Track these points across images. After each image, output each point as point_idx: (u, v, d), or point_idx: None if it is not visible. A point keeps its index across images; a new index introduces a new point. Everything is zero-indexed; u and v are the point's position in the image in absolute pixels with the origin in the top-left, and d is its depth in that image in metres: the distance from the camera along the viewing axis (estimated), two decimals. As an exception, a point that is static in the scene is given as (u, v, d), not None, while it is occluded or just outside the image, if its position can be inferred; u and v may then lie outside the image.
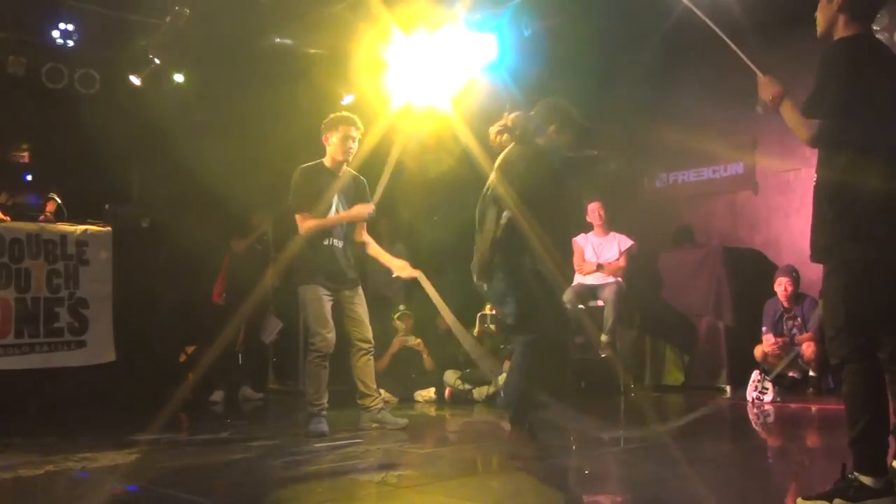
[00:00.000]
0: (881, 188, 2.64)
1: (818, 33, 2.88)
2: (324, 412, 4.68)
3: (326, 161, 4.88)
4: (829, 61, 2.72)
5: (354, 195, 4.92)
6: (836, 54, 2.73)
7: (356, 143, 4.87)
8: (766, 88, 2.82)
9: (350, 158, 4.89)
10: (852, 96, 2.64)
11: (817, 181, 2.80)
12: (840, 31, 2.79)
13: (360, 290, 4.92)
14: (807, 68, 2.81)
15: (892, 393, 2.84)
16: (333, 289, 4.77)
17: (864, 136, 2.66)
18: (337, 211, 4.83)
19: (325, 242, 4.77)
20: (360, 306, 4.87)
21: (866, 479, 2.61)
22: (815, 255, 2.81)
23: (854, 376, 2.68)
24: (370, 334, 4.88)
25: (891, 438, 2.79)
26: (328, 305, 4.72)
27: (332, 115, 4.89)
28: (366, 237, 5.04)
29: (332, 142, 4.83)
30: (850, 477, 2.64)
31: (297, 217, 4.78)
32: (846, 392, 2.71)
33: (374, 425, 4.84)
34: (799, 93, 2.76)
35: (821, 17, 2.86)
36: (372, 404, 4.87)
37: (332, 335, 4.69)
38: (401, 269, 4.92)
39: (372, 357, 4.91)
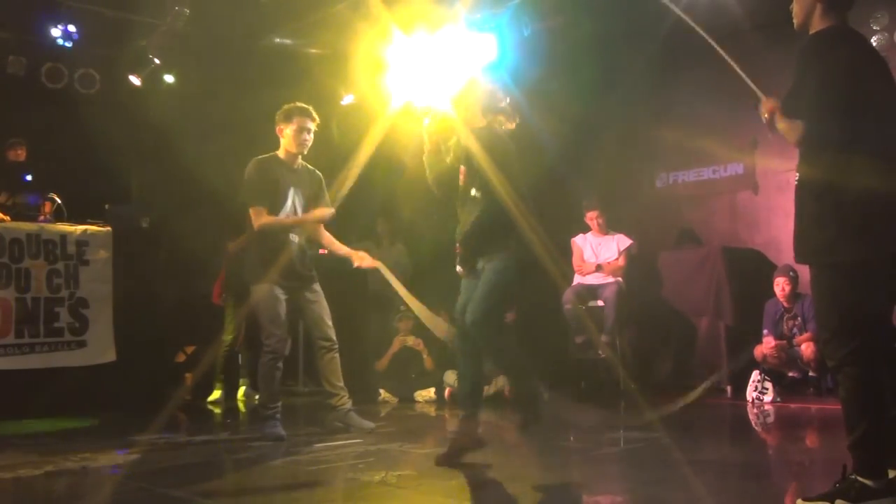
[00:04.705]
0: (869, 186, 2.59)
1: (796, 25, 2.86)
2: (278, 415, 4.62)
3: (280, 153, 4.79)
4: (807, 56, 2.69)
5: (310, 189, 4.84)
6: (814, 49, 2.70)
7: (311, 136, 4.77)
8: (764, 107, 2.82)
9: (304, 151, 4.80)
10: (834, 92, 2.61)
11: (801, 180, 2.76)
12: (817, 22, 2.76)
13: (319, 288, 4.82)
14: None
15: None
16: (289, 287, 4.67)
17: (848, 132, 2.62)
18: (293, 204, 4.75)
19: (283, 237, 4.69)
20: (319, 304, 4.79)
21: (867, 481, 2.60)
22: (803, 257, 2.76)
23: (851, 380, 2.64)
24: (332, 332, 4.79)
25: None
26: (283, 305, 4.62)
27: (286, 106, 4.78)
28: (322, 230, 4.94)
29: (287, 133, 4.74)
30: (850, 478, 2.63)
31: (252, 211, 4.67)
32: (844, 396, 2.68)
33: (340, 425, 4.76)
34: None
35: (797, 8, 2.84)
36: (338, 403, 4.80)
37: (287, 336, 4.63)
38: (360, 259, 4.83)
39: (336, 355, 4.80)
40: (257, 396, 6.91)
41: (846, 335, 2.64)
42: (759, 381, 5.97)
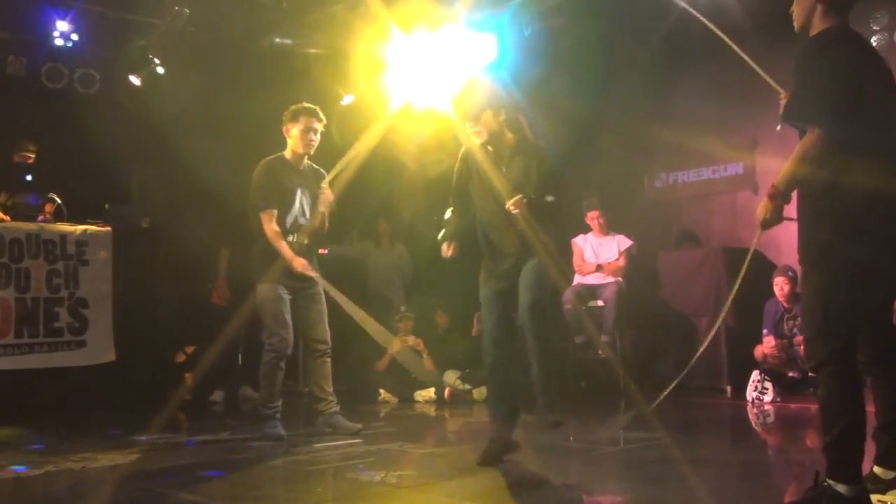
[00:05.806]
0: (870, 188, 2.57)
1: (796, 27, 2.84)
2: (278, 415, 4.62)
3: (287, 154, 4.79)
4: (807, 58, 2.66)
5: (316, 188, 4.82)
6: (815, 50, 2.67)
7: (318, 136, 4.76)
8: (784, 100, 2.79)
9: (311, 151, 4.79)
10: (835, 93, 2.58)
11: (804, 180, 2.73)
12: (817, 23, 2.73)
13: (321, 290, 4.81)
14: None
15: (874, 395, 2.80)
16: (293, 287, 4.67)
17: (854, 134, 2.58)
18: (301, 205, 4.76)
19: (290, 238, 4.69)
20: (320, 305, 4.78)
21: (840, 488, 2.50)
22: (803, 257, 2.72)
23: (830, 379, 2.58)
24: (327, 335, 4.79)
25: (870, 442, 2.72)
26: (287, 305, 4.62)
27: (293, 107, 4.76)
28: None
29: (293, 134, 4.73)
30: (823, 485, 2.54)
31: (263, 215, 4.65)
32: (822, 396, 2.61)
33: (328, 430, 4.74)
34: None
35: (798, 10, 2.81)
36: (325, 409, 4.78)
37: (290, 336, 4.61)
38: (300, 264, 4.63)
39: (328, 359, 4.80)
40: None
41: (831, 335, 2.59)
42: (759, 381, 5.97)
